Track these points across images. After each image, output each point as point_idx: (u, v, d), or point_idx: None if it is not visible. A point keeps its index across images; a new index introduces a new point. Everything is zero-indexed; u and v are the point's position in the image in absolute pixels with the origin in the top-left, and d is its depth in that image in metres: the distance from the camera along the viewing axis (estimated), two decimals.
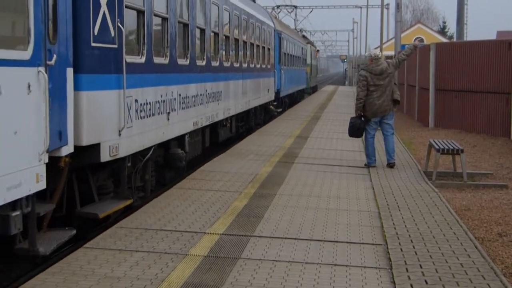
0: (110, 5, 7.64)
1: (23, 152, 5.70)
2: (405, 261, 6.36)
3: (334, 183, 10.64)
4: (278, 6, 48.21)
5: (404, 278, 5.87)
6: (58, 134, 6.40)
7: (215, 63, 13.83)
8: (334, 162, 13.02)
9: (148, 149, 9.21)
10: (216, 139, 14.89)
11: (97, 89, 7.54)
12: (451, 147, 11.56)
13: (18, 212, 5.81)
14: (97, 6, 7.38)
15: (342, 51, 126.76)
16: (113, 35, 7.79)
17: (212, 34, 13.58)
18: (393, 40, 38.70)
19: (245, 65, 17.87)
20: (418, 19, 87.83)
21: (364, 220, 8.07)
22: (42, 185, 6.01)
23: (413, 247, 6.88)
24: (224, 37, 14.92)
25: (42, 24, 6.02)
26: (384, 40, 47.55)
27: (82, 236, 7.70)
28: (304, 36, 49.91)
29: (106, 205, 7.95)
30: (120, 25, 7.91)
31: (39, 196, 6.30)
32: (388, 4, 54.94)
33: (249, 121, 20.04)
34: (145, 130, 8.95)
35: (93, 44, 7.40)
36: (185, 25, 11.36)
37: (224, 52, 14.96)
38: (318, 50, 67.37)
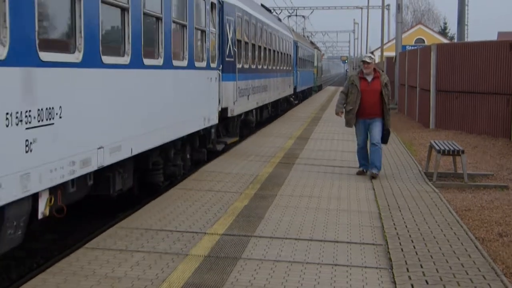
0: (231, 39, 15.42)
1: (215, 106, 13.11)
2: (405, 261, 6.36)
3: (334, 184, 10.64)
4: (289, 16, 60.93)
5: (404, 278, 5.87)
6: (219, 100, 13.68)
7: (265, 66, 21.80)
8: (334, 163, 13.02)
9: (240, 114, 17.09)
10: (261, 116, 22.47)
11: (227, 81, 14.92)
12: (452, 148, 11.56)
13: (213, 130, 13.28)
14: (227, 40, 15.03)
15: (343, 52, 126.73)
16: (232, 54, 15.57)
17: (264, 48, 21.48)
18: (394, 41, 38.70)
19: (277, 67, 25.53)
20: (419, 20, 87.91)
21: (364, 220, 8.07)
22: (216, 121, 13.25)
23: (414, 247, 6.88)
24: (268, 49, 22.75)
25: (218, 52, 13.77)
26: (385, 41, 47.60)
27: None
28: (311, 42, 57.78)
29: (226, 139, 15.30)
30: (235, 49, 15.82)
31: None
32: (389, 5, 55.05)
33: (277, 108, 27.79)
34: (241, 104, 16.72)
35: (226, 59, 14.99)
36: (253, 45, 19.23)
37: (268, 59, 22.83)
38: (323, 54, 78.90)
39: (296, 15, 62.24)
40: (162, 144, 9.60)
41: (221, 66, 14.08)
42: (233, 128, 16.32)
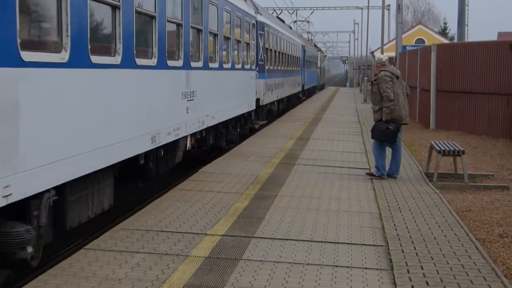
0: (262, 47, 20.57)
1: (253, 96, 18.83)
2: (406, 262, 6.36)
3: (335, 184, 10.64)
4: (295, 21, 65.81)
5: (405, 279, 5.88)
6: (256, 93, 19.10)
7: (282, 68, 27.26)
8: (335, 164, 13.02)
9: (267, 104, 22.29)
10: (279, 108, 27.05)
11: (259, 79, 19.72)
12: (452, 149, 11.56)
13: (253, 113, 19.20)
14: (259, 49, 20.02)
15: (343, 53, 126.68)
16: (263, 58, 20.70)
17: (281, 53, 26.92)
18: (394, 41, 38.68)
19: (289, 68, 30.57)
20: (419, 20, 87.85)
21: (365, 221, 8.07)
22: (254, 107, 18.80)
23: (414, 248, 6.88)
24: (285, 54, 28.24)
25: (256, 57, 19.49)
26: (385, 41, 47.59)
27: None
28: (315, 45, 64.15)
29: (259, 121, 20.21)
30: (264, 55, 21.09)
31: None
32: (389, 5, 55.02)
33: (289, 102, 32.44)
34: (268, 96, 21.96)
35: (259, 62, 19.89)
36: (275, 51, 24.74)
37: (284, 61, 28.24)
38: (325, 56, 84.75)
39: (297, 20, 66.52)
40: (228, 119, 15.03)
41: (256, 67, 19.38)
42: (262, 114, 21.66)
